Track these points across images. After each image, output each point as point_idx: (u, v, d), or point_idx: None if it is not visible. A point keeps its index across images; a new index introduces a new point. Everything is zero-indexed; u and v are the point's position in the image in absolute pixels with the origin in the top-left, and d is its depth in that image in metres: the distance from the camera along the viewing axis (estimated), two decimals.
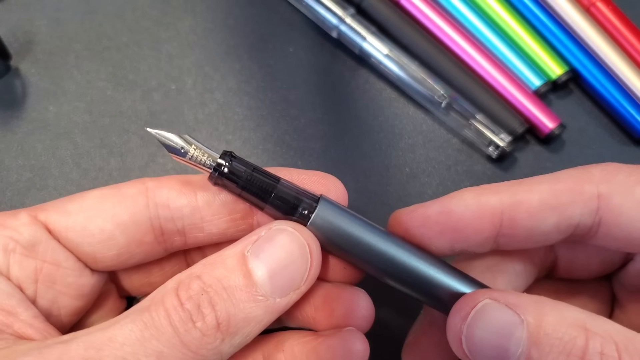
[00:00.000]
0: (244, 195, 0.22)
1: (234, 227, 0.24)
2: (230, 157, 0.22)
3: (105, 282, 0.26)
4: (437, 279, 0.23)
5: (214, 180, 0.22)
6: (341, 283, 0.25)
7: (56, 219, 0.23)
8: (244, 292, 0.20)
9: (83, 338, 0.19)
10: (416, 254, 0.23)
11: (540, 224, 0.23)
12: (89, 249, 0.23)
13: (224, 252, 0.21)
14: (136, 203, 0.23)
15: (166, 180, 0.24)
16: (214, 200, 0.24)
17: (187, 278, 0.20)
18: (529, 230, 0.23)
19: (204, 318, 0.19)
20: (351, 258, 0.24)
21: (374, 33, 0.39)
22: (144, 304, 0.20)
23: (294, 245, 0.21)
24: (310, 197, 0.23)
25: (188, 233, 0.24)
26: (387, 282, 0.24)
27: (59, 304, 0.23)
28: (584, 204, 0.22)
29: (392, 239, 0.23)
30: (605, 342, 0.18)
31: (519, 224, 0.23)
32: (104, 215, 0.23)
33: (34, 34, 0.39)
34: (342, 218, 0.23)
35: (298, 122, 0.38)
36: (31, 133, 0.37)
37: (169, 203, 0.24)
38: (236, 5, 0.41)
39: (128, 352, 0.19)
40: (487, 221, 0.23)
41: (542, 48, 0.39)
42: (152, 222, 0.24)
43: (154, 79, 0.39)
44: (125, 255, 0.24)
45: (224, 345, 0.20)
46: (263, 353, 0.24)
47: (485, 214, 0.23)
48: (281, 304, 0.21)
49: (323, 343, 0.24)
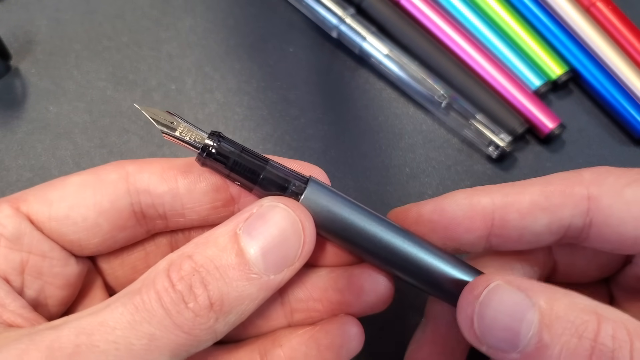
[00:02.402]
0: (233, 176, 0.22)
1: (215, 215, 0.24)
2: (219, 137, 0.22)
3: (89, 269, 0.25)
4: (430, 262, 0.23)
5: (202, 161, 0.22)
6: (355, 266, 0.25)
7: (38, 210, 0.23)
8: (236, 270, 0.20)
9: (74, 323, 0.19)
10: (409, 237, 0.23)
11: (531, 224, 0.23)
12: (73, 237, 0.23)
13: (215, 231, 0.21)
14: (117, 189, 0.23)
15: (147, 164, 0.24)
16: (195, 187, 0.23)
17: (178, 258, 0.20)
18: (520, 230, 0.23)
19: (196, 298, 0.19)
20: (343, 241, 0.23)
21: (374, 33, 0.39)
22: (135, 285, 0.20)
23: (286, 221, 0.21)
24: (299, 178, 0.23)
25: (169, 218, 0.24)
26: (381, 266, 0.24)
27: (46, 294, 0.23)
28: (575, 205, 0.23)
29: (383, 220, 0.23)
30: (617, 326, 0.18)
31: (510, 224, 0.23)
32: (86, 203, 0.23)
33: (34, 34, 0.39)
34: (332, 199, 0.22)
35: (298, 122, 0.38)
36: (31, 133, 0.37)
37: (150, 189, 0.23)
38: (236, 5, 0.41)
39: (119, 336, 0.18)
40: (478, 220, 0.23)
41: (542, 48, 0.39)
42: (133, 207, 0.23)
43: (154, 79, 0.39)
44: (109, 240, 0.24)
45: (218, 324, 0.20)
46: (260, 352, 0.24)
47: (477, 213, 0.23)
48: (275, 281, 0.21)
49: (320, 330, 0.24)
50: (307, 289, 0.25)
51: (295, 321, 0.25)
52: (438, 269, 0.23)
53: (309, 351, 0.24)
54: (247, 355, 0.24)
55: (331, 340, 0.24)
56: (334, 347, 0.24)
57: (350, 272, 0.24)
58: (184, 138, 0.22)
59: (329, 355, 0.24)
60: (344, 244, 0.24)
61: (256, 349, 0.24)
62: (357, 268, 0.24)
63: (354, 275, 0.24)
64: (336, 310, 0.24)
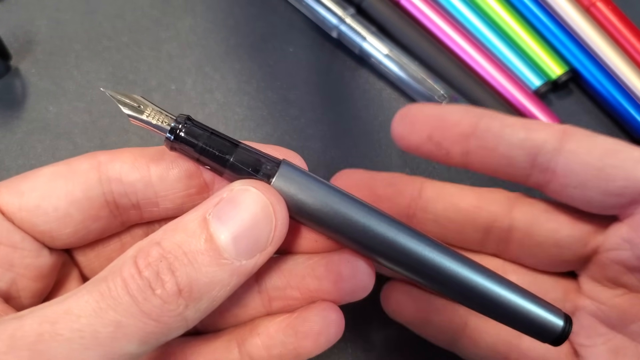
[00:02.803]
0: (202, 160, 0.22)
1: (189, 202, 0.24)
2: (187, 119, 0.21)
3: (64, 262, 0.25)
4: (410, 246, 0.22)
5: (171, 145, 0.21)
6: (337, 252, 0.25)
7: (8, 200, 0.22)
8: (206, 256, 0.19)
9: (38, 312, 0.18)
10: (388, 219, 0.22)
11: (509, 134, 0.24)
12: (44, 227, 0.23)
13: (184, 217, 0.21)
14: (88, 179, 0.23)
15: (119, 153, 0.24)
16: (167, 174, 0.23)
17: (146, 245, 0.20)
18: (497, 139, 0.25)
19: (164, 285, 0.19)
20: (318, 225, 0.22)
21: (374, 33, 0.39)
22: (102, 274, 0.20)
23: (257, 205, 0.21)
24: (271, 160, 0.22)
25: (143, 207, 0.24)
26: (359, 250, 0.23)
27: (18, 286, 0.23)
28: (550, 131, 0.24)
29: (361, 204, 0.22)
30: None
31: (491, 131, 0.25)
32: (57, 193, 0.22)
33: (34, 34, 0.39)
34: (305, 181, 0.22)
35: (298, 122, 0.38)
36: (31, 133, 0.37)
37: (122, 177, 0.23)
38: (236, 5, 0.41)
39: (84, 323, 0.18)
40: (467, 120, 0.25)
41: (542, 48, 0.39)
42: (105, 197, 0.23)
43: (154, 79, 0.39)
44: (82, 231, 0.23)
45: (188, 311, 0.19)
46: (237, 341, 0.24)
47: (468, 114, 0.25)
48: (247, 266, 0.20)
49: (298, 317, 0.23)
50: (284, 276, 0.24)
51: (274, 310, 0.25)
52: (418, 252, 0.22)
53: (286, 339, 0.23)
54: (225, 344, 0.24)
55: (309, 327, 0.23)
56: (312, 334, 0.23)
57: (329, 258, 0.24)
58: (151, 121, 0.21)
59: (307, 343, 0.23)
60: (320, 228, 0.23)
61: (233, 338, 0.24)
62: (335, 255, 0.24)
63: (332, 262, 0.24)
64: (315, 298, 0.24)
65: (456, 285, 0.23)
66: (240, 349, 0.24)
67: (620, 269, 0.25)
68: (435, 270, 0.22)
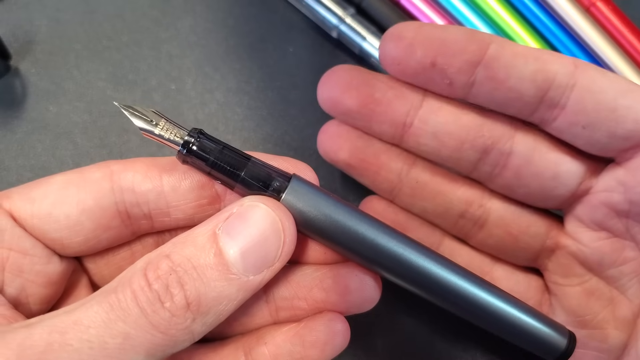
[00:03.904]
0: (214, 174, 0.22)
1: (200, 213, 0.24)
2: (199, 134, 0.22)
3: (74, 269, 0.25)
4: (417, 262, 0.22)
5: (183, 158, 0.22)
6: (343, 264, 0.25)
7: (21, 206, 0.22)
8: (214, 270, 0.20)
9: (47, 322, 0.19)
10: (396, 236, 0.23)
11: (520, 66, 0.23)
12: (55, 235, 0.23)
13: (194, 231, 0.21)
14: (101, 187, 0.23)
15: (131, 163, 0.24)
16: (179, 185, 0.23)
17: (156, 257, 0.20)
18: (508, 70, 0.23)
19: (173, 298, 0.19)
20: (326, 240, 0.23)
21: (374, 33, 0.39)
22: (111, 285, 0.20)
23: (266, 221, 0.21)
24: (282, 175, 0.22)
25: (155, 217, 0.24)
26: (366, 265, 0.23)
27: (27, 292, 0.23)
28: (563, 64, 0.23)
29: (370, 220, 0.23)
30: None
31: (501, 60, 0.23)
32: (69, 200, 0.23)
33: (34, 34, 0.39)
34: (315, 197, 0.22)
35: (298, 122, 0.38)
36: (31, 133, 0.37)
37: (134, 187, 0.23)
38: (236, 5, 0.41)
39: (93, 334, 0.18)
40: (475, 44, 0.24)
41: (542, 48, 0.39)
42: (117, 206, 0.23)
43: (154, 79, 0.39)
44: (93, 240, 0.24)
45: (195, 324, 0.20)
46: (244, 349, 0.24)
47: (475, 39, 0.24)
48: (255, 282, 0.21)
49: (305, 327, 0.24)
50: (292, 287, 0.24)
51: (281, 319, 0.25)
52: (426, 269, 0.22)
53: (293, 348, 0.23)
54: (232, 353, 0.24)
55: (316, 337, 0.23)
56: (319, 343, 0.23)
57: (336, 271, 0.24)
58: (164, 135, 0.21)
59: (313, 352, 0.23)
60: (328, 243, 0.23)
61: (240, 347, 0.24)
62: (343, 267, 0.24)
63: (340, 275, 0.24)
64: (321, 309, 0.24)
65: (466, 304, 0.23)
66: (247, 357, 0.24)
67: (608, 212, 0.25)
68: (444, 288, 0.23)
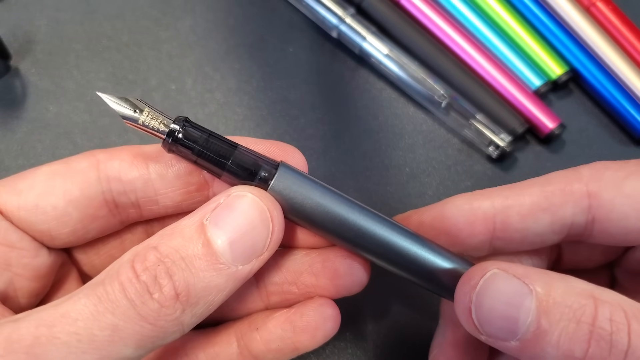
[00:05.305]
0: (200, 162, 0.22)
1: (189, 200, 0.24)
2: (185, 122, 0.21)
3: (63, 262, 0.25)
4: (407, 248, 0.22)
5: (168, 147, 0.21)
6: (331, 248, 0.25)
7: (7, 199, 0.22)
8: (203, 260, 0.20)
9: (34, 315, 0.18)
10: (384, 221, 0.22)
11: (533, 225, 0.23)
12: (43, 227, 0.23)
13: (181, 222, 0.21)
14: (87, 177, 0.23)
15: (117, 151, 0.23)
16: (166, 172, 0.23)
17: (143, 249, 0.20)
18: (522, 232, 0.23)
19: (162, 289, 0.19)
20: (315, 227, 0.23)
21: (374, 33, 0.39)
22: (99, 277, 0.19)
23: (254, 211, 0.21)
24: (269, 163, 0.22)
25: (143, 206, 0.24)
26: (355, 252, 0.23)
27: (15, 285, 0.23)
28: (575, 203, 0.23)
29: (357, 206, 0.22)
30: (614, 309, 0.18)
31: (512, 227, 0.23)
32: (55, 191, 0.22)
33: (34, 34, 0.39)
34: (303, 184, 0.22)
35: (298, 122, 0.38)
36: (31, 133, 0.37)
37: (121, 176, 0.23)
38: (236, 5, 0.41)
39: (81, 327, 0.18)
40: (480, 225, 0.23)
41: (542, 48, 0.39)
42: (104, 195, 0.23)
43: (154, 79, 0.39)
44: (81, 230, 0.23)
45: (185, 315, 0.19)
46: (236, 335, 0.24)
47: (478, 218, 0.23)
48: (244, 272, 0.21)
49: (296, 313, 0.24)
50: (282, 272, 0.24)
51: (272, 304, 0.25)
52: (415, 254, 0.22)
53: (284, 333, 0.24)
54: (224, 339, 0.24)
55: (307, 322, 0.24)
56: (310, 329, 0.24)
57: (325, 255, 0.24)
58: (148, 125, 0.21)
59: (304, 337, 0.24)
60: (316, 230, 0.23)
61: (233, 333, 0.24)
62: (332, 251, 0.24)
63: (329, 259, 0.24)
64: (311, 293, 0.24)
65: (449, 285, 0.23)
66: (239, 343, 0.24)
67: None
68: (433, 272, 0.23)
